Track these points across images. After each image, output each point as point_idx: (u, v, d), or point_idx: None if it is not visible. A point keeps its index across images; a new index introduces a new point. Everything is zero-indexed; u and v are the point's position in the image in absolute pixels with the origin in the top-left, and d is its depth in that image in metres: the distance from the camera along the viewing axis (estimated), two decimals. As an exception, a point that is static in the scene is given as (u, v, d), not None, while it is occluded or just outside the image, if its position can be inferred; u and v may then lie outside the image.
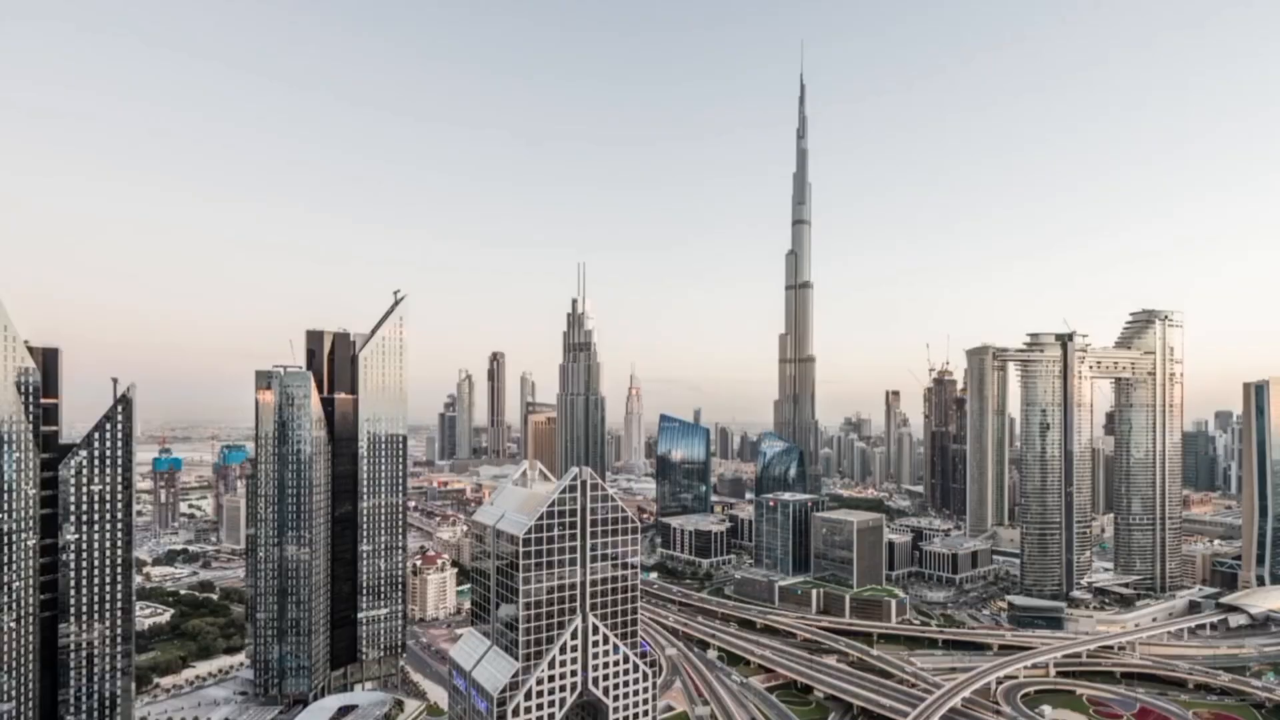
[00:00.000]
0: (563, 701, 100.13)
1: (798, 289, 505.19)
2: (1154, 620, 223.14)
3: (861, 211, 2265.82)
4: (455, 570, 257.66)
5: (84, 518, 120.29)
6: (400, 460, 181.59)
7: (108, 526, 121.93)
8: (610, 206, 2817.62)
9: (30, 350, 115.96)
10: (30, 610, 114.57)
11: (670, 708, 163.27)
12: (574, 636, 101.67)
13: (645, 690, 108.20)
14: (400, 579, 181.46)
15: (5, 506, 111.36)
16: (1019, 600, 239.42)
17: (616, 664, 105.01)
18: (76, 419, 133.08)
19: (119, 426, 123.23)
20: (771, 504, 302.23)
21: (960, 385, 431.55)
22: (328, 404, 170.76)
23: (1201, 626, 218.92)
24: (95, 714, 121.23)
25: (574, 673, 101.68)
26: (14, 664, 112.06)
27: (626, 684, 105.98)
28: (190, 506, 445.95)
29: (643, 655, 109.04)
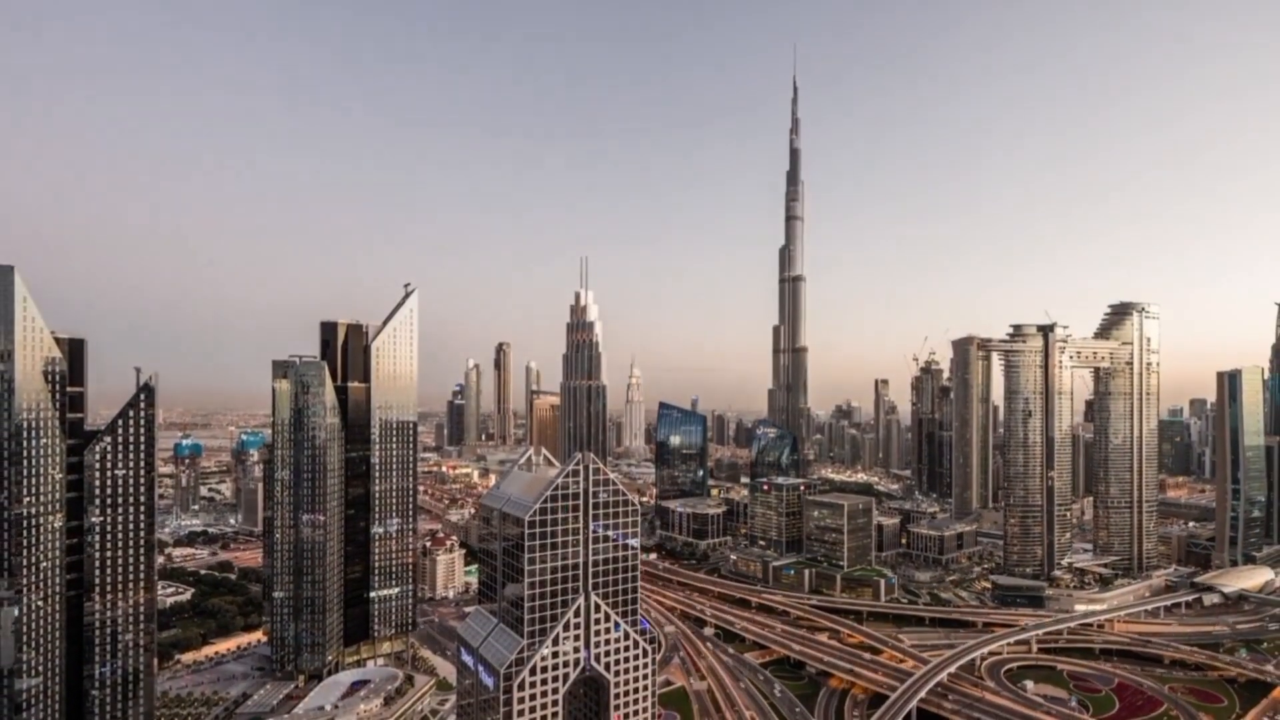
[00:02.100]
0: (566, 676, 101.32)
1: (791, 282, 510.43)
2: (1132, 599, 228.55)
3: (852, 207, 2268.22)
4: (463, 551, 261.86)
5: (108, 501, 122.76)
6: (410, 446, 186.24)
7: (131, 509, 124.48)
8: (612, 203, 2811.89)
9: (57, 341, 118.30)
10: (57, 589, 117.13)
11: (669, 682, 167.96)
12: (577, 614, 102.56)
13: (645, 666, 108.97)
14: (410, 560, 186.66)
15: (33, 490, 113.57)
16: (1003, 580, 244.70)
17: (618, 641, 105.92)
18: (101, 406, 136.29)
19: (141, 413, 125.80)
20: (766, 488, 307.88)
21: (946, 374, 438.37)
22: (341, 392, 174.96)
23: (1177, 605, 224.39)
24: (119, 688, 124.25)
25: (577, 649, 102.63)
26: (41, 640, 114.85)
27: (627, 660, 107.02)
28: (210, 490, 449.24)
29: (643, 632, 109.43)
